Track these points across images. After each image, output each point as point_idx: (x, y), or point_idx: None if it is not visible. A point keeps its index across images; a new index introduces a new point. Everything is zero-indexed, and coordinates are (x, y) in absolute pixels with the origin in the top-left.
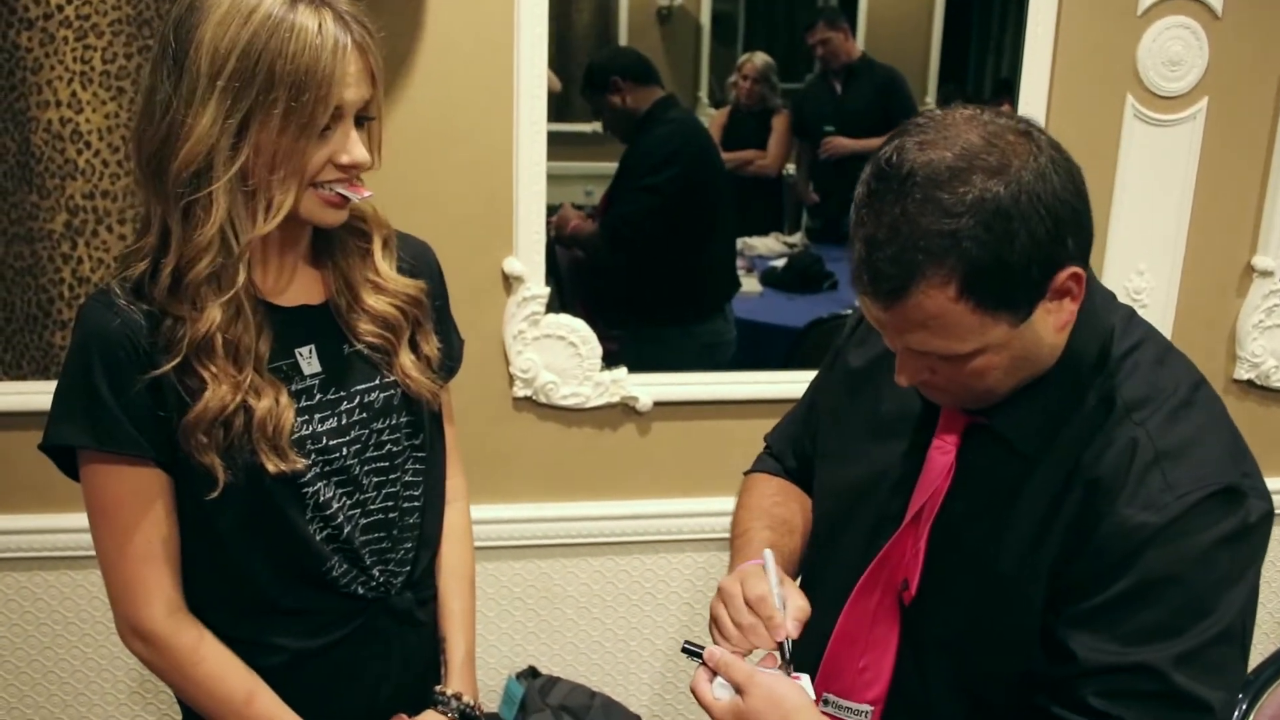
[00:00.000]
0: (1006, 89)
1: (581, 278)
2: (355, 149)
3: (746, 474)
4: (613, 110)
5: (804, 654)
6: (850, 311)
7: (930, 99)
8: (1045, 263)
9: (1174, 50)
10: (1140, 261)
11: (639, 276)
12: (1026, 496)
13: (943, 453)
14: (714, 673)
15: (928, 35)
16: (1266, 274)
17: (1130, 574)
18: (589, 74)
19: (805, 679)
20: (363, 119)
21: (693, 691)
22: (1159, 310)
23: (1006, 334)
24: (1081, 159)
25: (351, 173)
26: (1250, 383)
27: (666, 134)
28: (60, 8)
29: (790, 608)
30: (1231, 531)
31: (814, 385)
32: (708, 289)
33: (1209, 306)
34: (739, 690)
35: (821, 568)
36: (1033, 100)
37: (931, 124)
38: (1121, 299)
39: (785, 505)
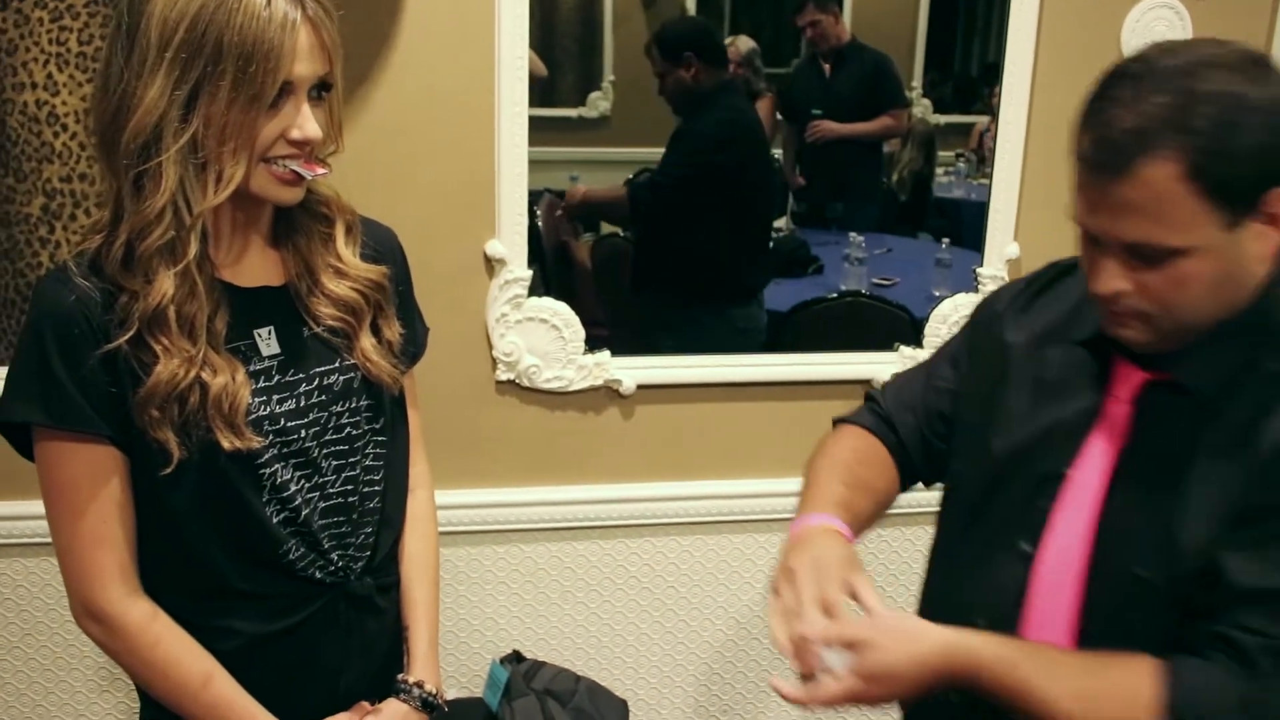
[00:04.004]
0: (993, 72)
1: (623, 256)
2: (307, 124)
3: (839, 421)
4: (678, 83)
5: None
6: (834, 295)
7: (916, 83)
8: (1265, 171)
9: (1158, 31)
10: None
11: (678, 256)
12: (1204, 459)
13: (1118, 408)
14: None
15: (914, 19)
16: None
17: None
18: (661, 40)
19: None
20: (319, 96)
21: (820, 702)
22: None
23: (1215, 238)
24: (1068, 140)
25: (304, 149)
26: None
27: (721, 121)
28: None
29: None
30: None
31: (948, 355)
32: (744, 274)
33: None
34: (854, 648)
35: (965, 535)
36: (1017, 83)
37: (1171, 45)
38: None
39: (868, 465)
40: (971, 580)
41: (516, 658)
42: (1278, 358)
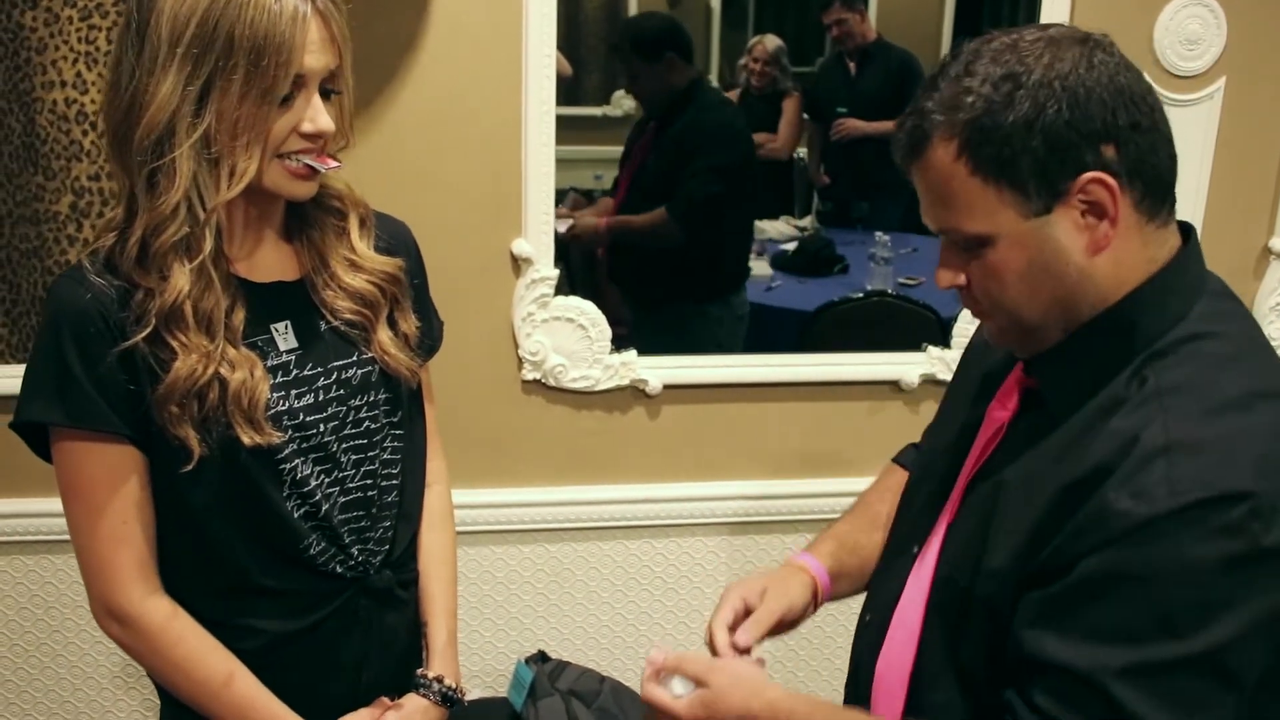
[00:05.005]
0: None
1: (619, 258)
2: (319, 118)
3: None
4: (657, 82)
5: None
6: (860, 295)
7: None
8: (1057, 148)
9: (1191, 29)
10: None
11: (693, 253)
12: (1027, 475)
13: (1000, 415)
14: (659, 674)
15: (939, 18)
16: None
17: (1094, 564)
18: (637, 38)
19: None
20: (329, 91)
21: (648, 700)
22: None
23: (1017, 224)
24: None
25: (317, 143)
26: None
27: (725, 116)
28: None
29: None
30: (1235, 553)
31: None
32: (741, 262)
33: None
34: (700, 682)
35: (892, 534)
36: None
37: (992, 34)
38: None
39: (890, 501)
40: (879, 578)
41: (541, 657)
42: (1129, 381)
